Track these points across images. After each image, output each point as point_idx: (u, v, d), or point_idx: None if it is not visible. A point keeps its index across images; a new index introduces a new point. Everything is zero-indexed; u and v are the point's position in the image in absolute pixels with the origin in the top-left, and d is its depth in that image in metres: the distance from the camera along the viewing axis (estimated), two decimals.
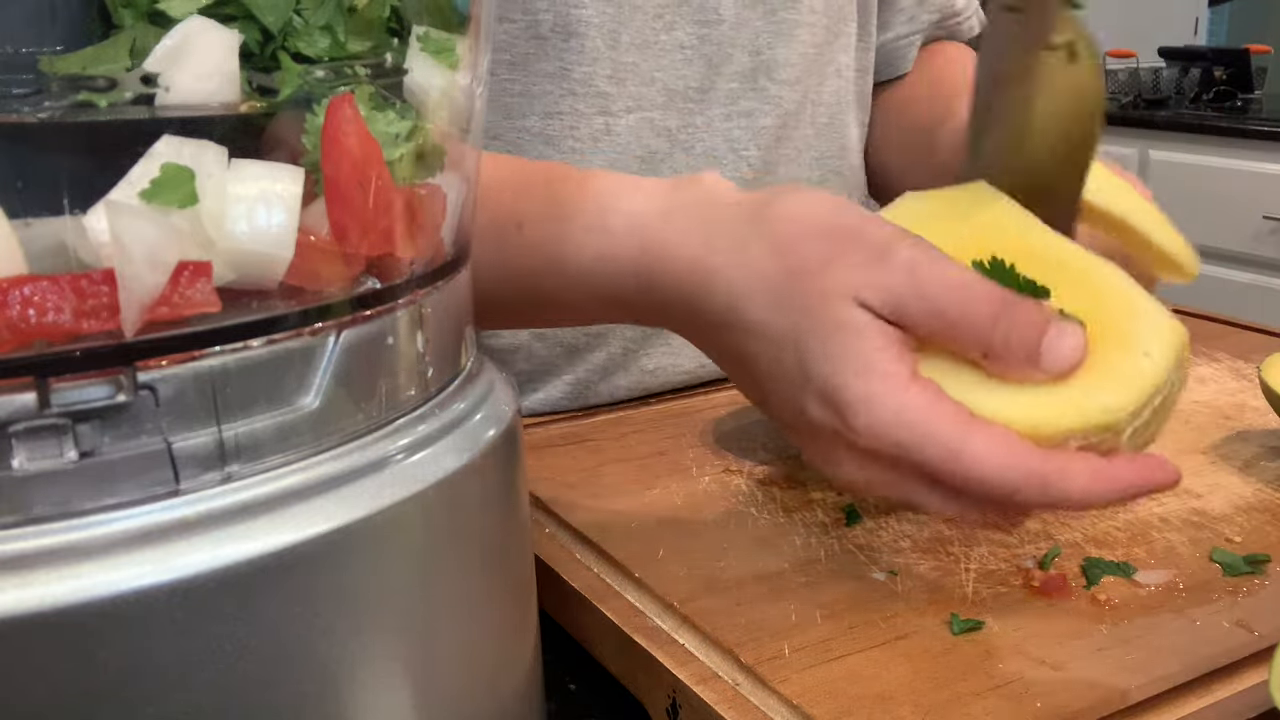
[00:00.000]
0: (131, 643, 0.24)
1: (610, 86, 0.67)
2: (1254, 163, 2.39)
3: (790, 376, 0.43)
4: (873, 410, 0.40)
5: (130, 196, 0.25)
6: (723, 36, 0.70)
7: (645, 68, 0.68)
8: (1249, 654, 0.41)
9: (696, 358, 0.71)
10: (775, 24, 0.72)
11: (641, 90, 0.68)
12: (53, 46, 0.27)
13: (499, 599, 0.33)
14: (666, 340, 0.72)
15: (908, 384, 0.40)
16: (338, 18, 0.30)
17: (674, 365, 0.73)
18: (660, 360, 0.73)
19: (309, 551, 0.26)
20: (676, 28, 0.69)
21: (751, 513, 0.53)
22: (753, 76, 0.72)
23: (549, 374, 0.71)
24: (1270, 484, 0.55)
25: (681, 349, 0.73)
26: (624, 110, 0.68)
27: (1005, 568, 0.47)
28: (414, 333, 0.31)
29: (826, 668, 0.40)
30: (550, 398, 0.72)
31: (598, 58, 0.66)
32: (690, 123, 0.70)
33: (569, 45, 0.65)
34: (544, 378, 0.71)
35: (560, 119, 0.67)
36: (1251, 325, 0.83)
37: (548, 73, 0.66)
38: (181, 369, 0.25)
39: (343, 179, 0.28)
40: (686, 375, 0.73)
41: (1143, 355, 0.42)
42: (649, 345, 0.72)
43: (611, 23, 0.66)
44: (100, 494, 0.25)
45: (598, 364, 0.71)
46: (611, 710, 0.46)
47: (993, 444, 0.39)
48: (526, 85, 0.66)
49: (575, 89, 0.66)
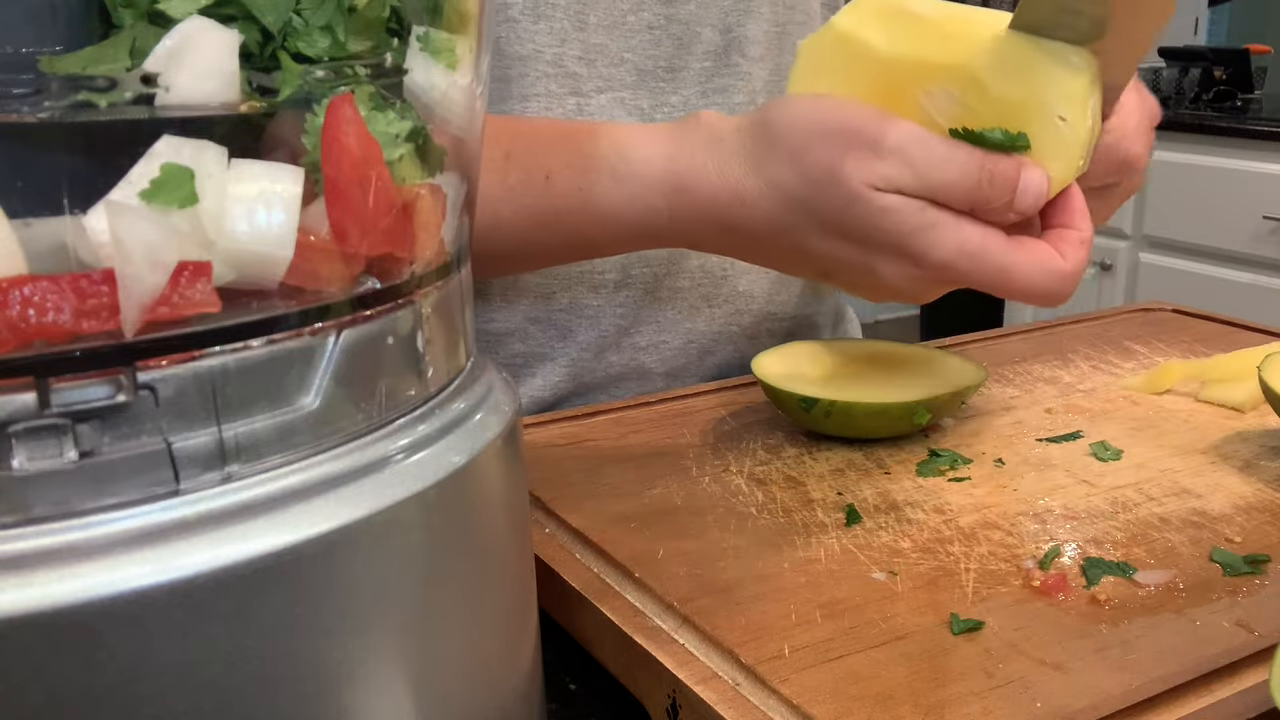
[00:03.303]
0: (131, 643, 0.24)
1: (580, 67, 0.69)
2: (1254, 163, 2.39)
3: (853, 254, 0.50)
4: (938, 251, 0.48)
5: (130, 196, 0.25)
6: (690, 15, 0.72)
7: (614, 48, 0.70)
8: (1249, 654, 0.41)
9: (684, 334, 0.76)
10: (743, 1, 0.74)
11: (611, 71, 0.70)
12: (53, 46, 0.27)
13: (499, 599, 0.33)
14: (655, 319, 0.75)
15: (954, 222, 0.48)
16: (338, 18, 0.30)
17: (663, 343, 0.76)
18: (651, 337, 0.75)
19: (309, 551, 0.26)
20: (644, 8, 0.70)
21: (751, 513, 0.53)
22: (725, 54, 0.74)
23: (545, 356, 0.74)
24: (1270, 484, 0.55)
25: (671, 325, 0.76)
26: (595, 90, 0.70)
27: (1005, 568, 0.47)
28: (414, 333, 0.31)
29: (826, 668, 0.40)
30: (549, 381, 0.74)
31: (565, 39, 0.68)
32: (664, 101, 0.72)
33: (539, 28, 0.67)
34: (541, 361, 0.74)
35: (536, 100, 0.68)
36: (1251, 325, 0.83)
37: (521, 55, 0.68)
38: (181, 369, 0.25)
39: (343, 179, 0.28)
40: (676, 351, 0.76)
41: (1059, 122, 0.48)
42: (639, 324, 0.75)
43: (578, 4, 0.68)
44: (100, 494, 0.25)
45: (590, 342, 0.74)
46: (611, 710, 0.46)
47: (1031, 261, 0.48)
48: (504, 69, 0.68)
49: (548, 70, 0.68)
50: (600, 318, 0.74)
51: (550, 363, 0.74)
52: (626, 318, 0.74)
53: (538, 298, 0.73)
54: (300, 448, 0.28)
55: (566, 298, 0.73)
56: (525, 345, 0.73)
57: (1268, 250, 2.38)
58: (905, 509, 0.53)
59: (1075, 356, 0.77)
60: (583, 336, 0.74)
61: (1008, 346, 0.80)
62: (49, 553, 0.24)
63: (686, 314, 0.76)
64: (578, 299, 0.73)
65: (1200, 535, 0.50)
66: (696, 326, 0.76)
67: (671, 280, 0.75)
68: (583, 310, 0.73)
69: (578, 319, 0.73)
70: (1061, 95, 0.47)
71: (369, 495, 0.28)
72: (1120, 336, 0.82)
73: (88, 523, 0.24)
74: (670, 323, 0.76)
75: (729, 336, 0.78)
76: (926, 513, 0.52)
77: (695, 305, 0.76)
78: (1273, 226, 2.36)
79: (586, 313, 0.73)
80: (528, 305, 0.73)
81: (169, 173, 0.26)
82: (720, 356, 0.78)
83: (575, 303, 0.73)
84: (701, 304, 0.76)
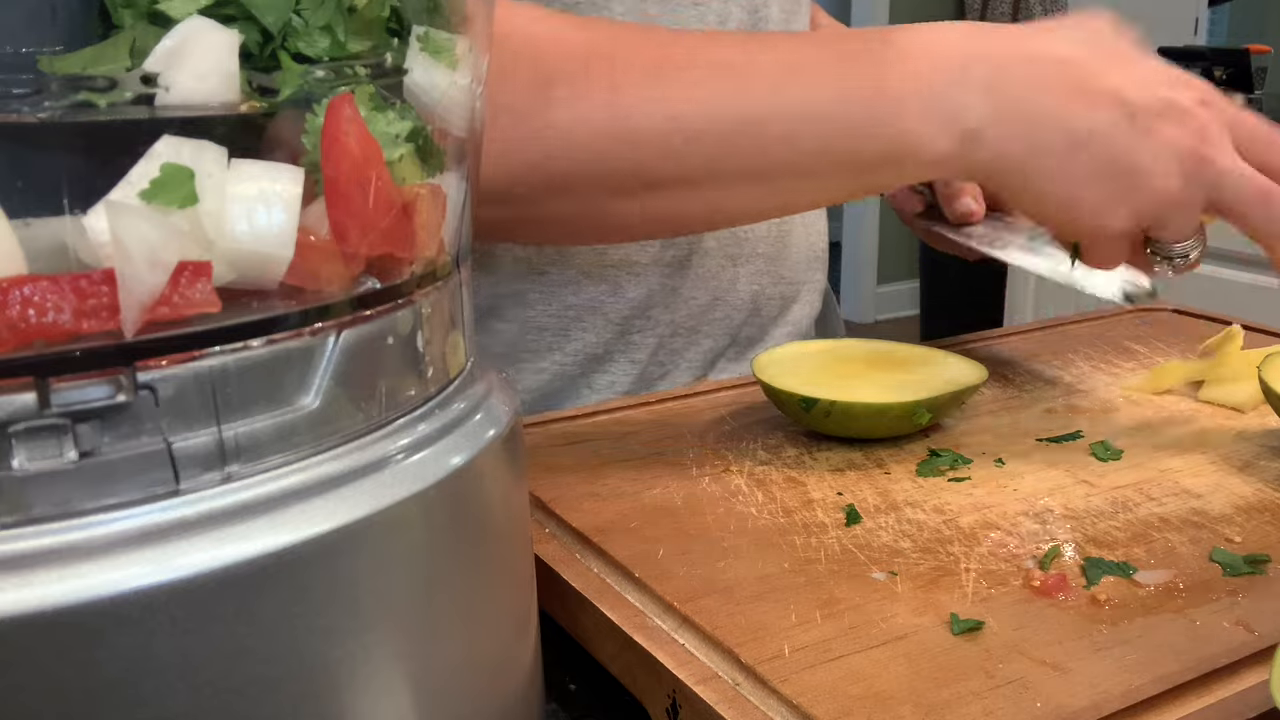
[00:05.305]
0: (131, 643, 0.24)
1: None
2: None
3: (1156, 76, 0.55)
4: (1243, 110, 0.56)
5: (130, 196, 0.25)
6: None
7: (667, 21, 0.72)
8: (1249, 654, 0.41)
9: (714, 290, 0.79)
10: None
11: None
12: (53, 46, 0.27)
13: (499, 599, 0.33)
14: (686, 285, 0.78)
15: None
16: (338, 18, 0.30)
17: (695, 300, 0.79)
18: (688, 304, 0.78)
19: (309, 551, 0.26)
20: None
21: (751, 513, 0.53)
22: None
23: (596, 310, 0.76)
24: (1270, 484, 0.55)
25: (699, 284, 0.78)
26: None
27: (1005, 568, 0.47)
28: (414, 333, 0.31)
29: (826, 668, 0.40)
30: (601, 338, 0.76)
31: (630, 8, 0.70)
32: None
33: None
34: (592, 314, 0.76)
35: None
36: (1251, 325, 0.83)
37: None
38: (181, 369, 0.25)
39: (343, 179, 0.28)
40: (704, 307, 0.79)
41: None
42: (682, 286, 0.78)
43: None
44: (100, 494, 0.25)
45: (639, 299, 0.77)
46: (611, 710, 0.46)
47: None
48: None
49: None
50: (648, 274, 0.76)
51: (603, 316, 0.76)
52: (672, 277, 0.77)
53: (593, 251, 0.75)
54: (300, 448, 0.28)
55: (619, 254, 0.75)
56: (578, 298, 0.75)
57: None
58: (905, 509, 0.53)
59: (1075, 356, 0.77)
60: (632, 292, 0.76)
61: (1008, 346, 0.80)
62: (49, 553, 0.24)
63: (714, 272, 0.79)
64: (630, 254, 0.76)
65: (1200, 535, 0.50)
66: (721, 284, 0.79)
67: (700, 241, 0.78)
68: (632, 266, 0.76)
69: (629, 273, 0.76)
70: None
71: (369, 495, 0.28)
72: (1120, 336, 0.82)
73: (88, 523, 0.24)
74: (699, 281, 0.78)
75: (751, 297, 0.81)
76: (926, 513, 0.52)
77: (721, 264, 0.79)
78: None
79: (636, 269, 0.76)
80: (584, 256, 0.75)
81: (169, 173, 0.26)
82: (737, 320, 0.81)
83: (627, 258, 0.76)
84: (727, 263, 0.79)
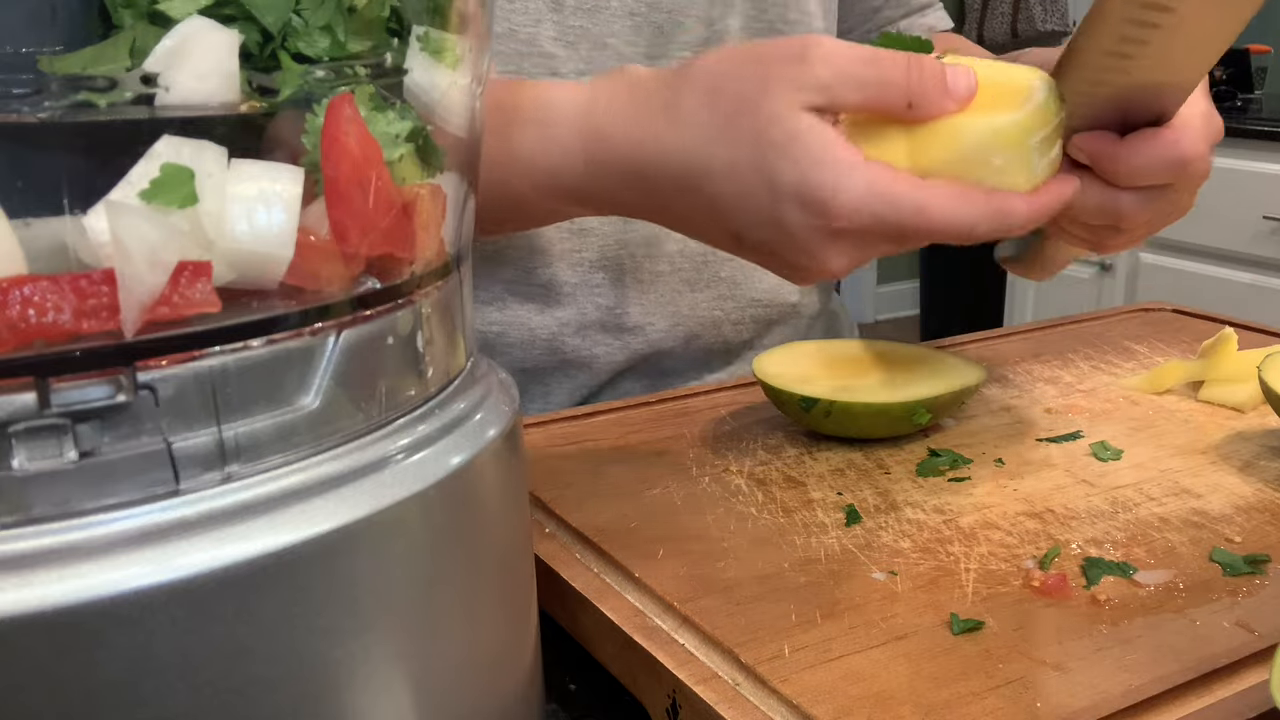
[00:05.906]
0: (131, 643, 0.24)
1: (558, 49, 0.71)
2: (1254, 163, 2.39)
3: (760, 201, 0.47)
4: (847, 192, 0.45)
5: (130, 196, 0.25)
6: (673, 4, 0.73)
7: (595, 31, 0.71)
8: (1249, 654, 0.41)
9: (670, 318, 0.78)
10: None
11: (594, 54, 0.71)
12: (53, 46, 0.27)
13: (499, 598, 0.33)
14: (640, 301, 0.77)
15: (864, 163, 0.46)
16: (338, 18, 0.30)
17: (650, 325, 0.78)
18: (637, 319, 0.77)
19: (309, 551, 0.26)
20: None
21: (751, 513, 0.53)
22: (706, 46, 0.74)
23: (524, 326, 0.76)
24: (1270, 484, 0.55)
25: (656, 309, 0.77)
26: (574, 72, 0.71)
27: (1005, 568, 0.47)
28: (414, 333, 0.31)
29: (826, 668, 0.40)
30: (529, 354, 0.76)
31: (540, 19, 0.70)
32: None
33: (513, 6, 0.69)
34: (518, 330, 0.76)
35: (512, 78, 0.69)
36: (1251, 325, 0.83)
37: (498, 34, 0.69)
38: (181, 369, 0.25)
39: (343, 179, 0.28)
40: (662, 334, 0.78)
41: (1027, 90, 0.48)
42: (624, 304, 0.77)
43: None
44: (100, 494, 0.25)
45: (570, 319, 0.76)
46: (611, 710, 0.46)
47: (947, 195, 0.46)
48: None
49: (521, 49, 0.70)
50: (578, 295, 0.75)
51: (530, 333, 0.75)
52: (607, 297, 0.76)
53: (517, 270, 0.75)
54: (300, 448, 0.28)
55: (546, 274, 0.74)
56: (503, 315, 0.75)
57: (1268, 250, 2.38)
58: (905, 509, 0.53)
59: (1075, 356, 0.77)
60: (561, 313, 0.75)
61: (1008, 346, 0.80)
62: (49, 553, 0.24)
63: (670, 298, 0.78)
64: (557, 275, 0.75)
65: (1200, 535, 0.50)
66: (680, 310, 0.78)
67: (652, 264, 0.77)
68: (560, 287, 0.75)
69: (556, 294, 0.75)
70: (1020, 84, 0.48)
71: (369, 495, 0.28)
72: (1120, 336, 0.82)
73: (88, 523, 0.24)
74: (655, 306, 0.77)
75: (714, 322, 0.80)
76: (926, 513, 0.52)
77: (678, 289, 0.78)
78: (1273, 226, 2.36)
79: (565, 289, 0.75)
80: (510, 274, 0.75)
81: (169, 173, 0.26)
82: (706, 341, 0.80)
83: (554, 279, 0.75)
84: (684, 288, 0.78)
